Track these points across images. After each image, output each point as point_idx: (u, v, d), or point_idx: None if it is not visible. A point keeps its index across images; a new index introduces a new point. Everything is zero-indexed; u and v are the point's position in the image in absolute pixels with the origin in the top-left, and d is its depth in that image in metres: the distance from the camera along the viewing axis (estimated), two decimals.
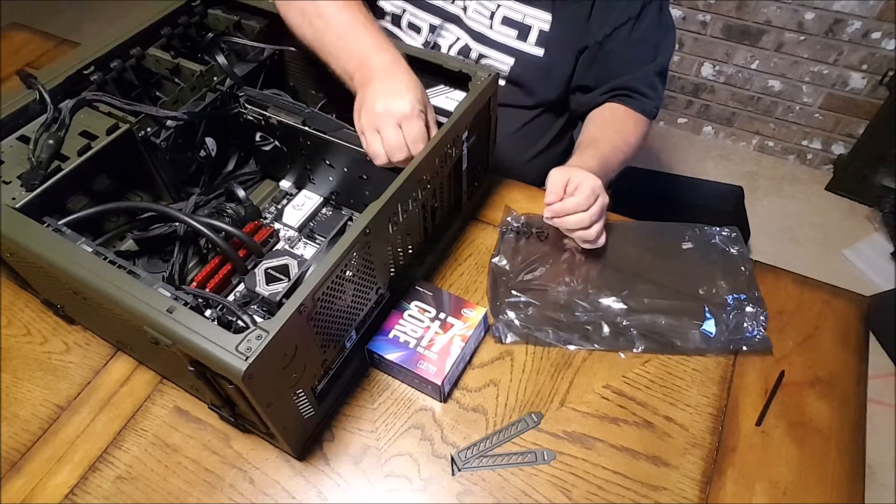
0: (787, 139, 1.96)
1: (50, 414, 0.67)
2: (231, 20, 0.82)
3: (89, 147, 0.66)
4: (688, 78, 1.96)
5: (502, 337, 0.71)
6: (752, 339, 0.70)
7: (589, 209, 0.70)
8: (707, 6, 1.76)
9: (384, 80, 0.66)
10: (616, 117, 0.86)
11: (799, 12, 1.65)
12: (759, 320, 0.71)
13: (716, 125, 2.05)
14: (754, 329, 0.70)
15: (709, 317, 0.71)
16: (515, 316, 0.72)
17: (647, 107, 0.86)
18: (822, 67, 1.74)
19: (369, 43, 0.69)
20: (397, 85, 0.65)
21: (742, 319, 0.71)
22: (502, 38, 0.86)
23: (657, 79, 0.87)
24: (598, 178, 0.71)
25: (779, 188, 1.94)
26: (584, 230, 0.72)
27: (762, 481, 0.62)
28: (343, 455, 0.64)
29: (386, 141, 0.63)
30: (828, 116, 1.84)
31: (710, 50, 1.85)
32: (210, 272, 0.66)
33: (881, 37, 1.61)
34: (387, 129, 0.63)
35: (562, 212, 0.71)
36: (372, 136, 0.64)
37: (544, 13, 0.83)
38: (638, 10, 0.82)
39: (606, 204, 0.73)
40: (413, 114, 0.64)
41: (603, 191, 0.71)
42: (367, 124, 0.65)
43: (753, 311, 0.71)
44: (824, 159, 1.95)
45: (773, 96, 1.88)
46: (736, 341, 0.70)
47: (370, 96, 0.65)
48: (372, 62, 0.67)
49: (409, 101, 0.64)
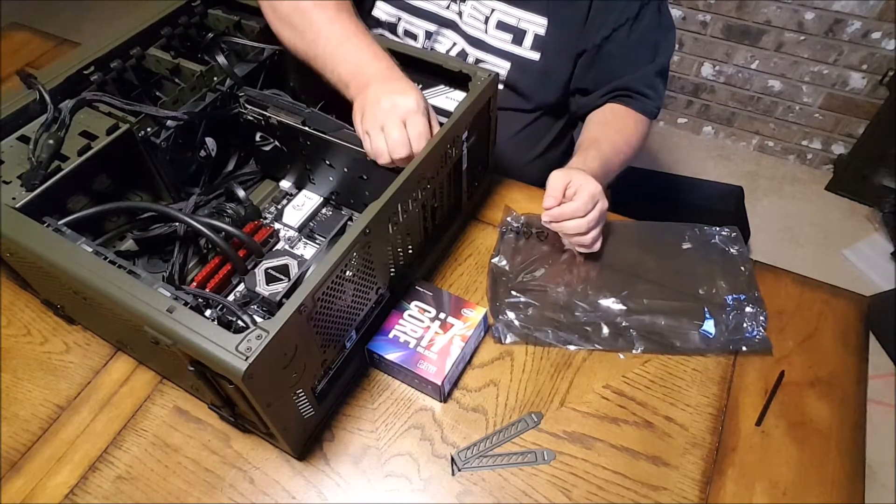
0: (787, 139, 1.96)
1: (50, 414, 0.67)
2: (231, 20, 0.82)
3: (89, 147, 0.66)
4: (688, 78, 1.96)
5: (502, 337, 0.71)
6: (752, 340, 0.70)
7: (587, 215, 0.70)
8: (707, 6, 1.75)
9: (384, 82, 0.66)
10: (617, 117, 0.86)
11: (799, 12, 1.65)
12: (759, 321, 0.71)
13: (716, 125, 2.05)
14: (754, 329, 0.70)
15: (708, 317, 0.71)
16: (515, 316, 0.72)
17: (647, 107, 0.86)
18: (822, 67, 1.74)
19: (364, 52, 0.69)
20: (398, 85, 0.66)
21: (742, 320, 0.71)
22: (498, 43, 0.85)
23: (657, 79, 0.86)
24: (598, 184, 0.70)
25: (779, 188, 1.94)
26: (581, 235, 0.72)
27: (762, 481, 0.62)
28: (343, 455, 0.64)
29: (390, 137, 0.63)
30: (828, 116, 1.84)
31: (710, 50, 1.85)
32: (210, 272, 0.66)
33: (881, 37, 1.61)
34: (391, 125, 0.63)
35: (559, 217, 0.71)
36: (376, 134, 0.64)
37: (539, 17, 0.83)
38: (636, 10, 0.81)
39: (605, 209, 0.72)
40: (418, 110, 0.64)
41: (602, 196, 0.71)
42: (371, 122, 0.65)
43: (753, 311, 0.71)
44: (824, 159, 1.95)
45: (773, 96, 1.88)
46: (735, 342, 0.70)
47: (372, 96, 0.65)
48: (368, 69, 0.67)
49: (413, 98, 0.64)
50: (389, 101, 0.64)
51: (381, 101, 0.64)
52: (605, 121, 0.86)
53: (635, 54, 0.85)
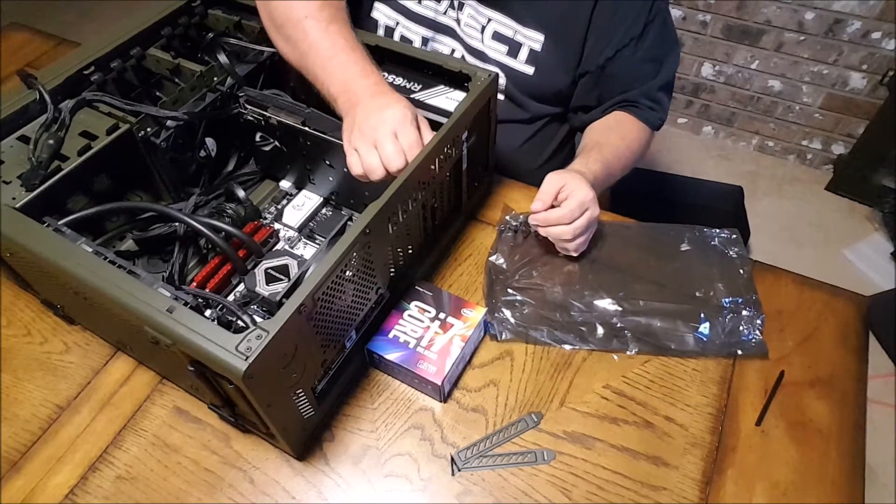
0: (787, 139, 1.96)
1: (50, 414, 0.67)
2: (231, 20, 0.82)
3: (89, 147, 0.66)
4: (688, 78, 1.95)
5: (497, 335, 0.71)
6: (748, 343, 0.70)
7: (572, 223, 0.69)
8: (707, 6, 1.75)
9: (371, 98, 0.66)
10: (620, 123, 0.85)
11: (799, 12, 1.65)
12: (756, 324, 0.71)
13: (716, 125, 2.05)
14: (750, 333, 0.70)
15: (704, 320, 0.71)
16: (511, 314, 0.72)
17: (650, 117, 0.85)
18: (822, 67, 1.74)
19: (353, 68, 0.68)
20: (386, 99, 0.65)
21: (738, 323, 0.71)
22: (493, 54, 0.85)
23: (661, 93, 0.85)
24: (590, 191, 0.70)
25: (779, 188, 1.94)
26: (565, 242, 0.72)
27: (762, 481, 0.62)
28: (343, 455, 0.64)
29: (384, 151, 0.63)
30: (828, 116, 1.84)
31: (710, 50, 1.85)
32: (210, 272, 0.66)
33: (881, 37, 1.61)
34: (383, 138, 0.63)
35: (545, 222, 0.70)
36: (367, 150, 0.63)
37: (536, 33, 0.82)
38: (640, 30, 0.80)
39: (595, 217, 0.72)
40: (407, 120, 0.64)
41: (594, 204, 0.70)
42: (360, 139, 0.64)
43: (750, 314, 0.71)
44: (824, 159, 1.95)
45: (773, 96, 1.88)
46: (731, 345, 0.70)
47: (361, 114, 0.65)
48: (356, 86, 0.67)
49: (400, 109, 0.64)
50: (378, 116, 0.64)
51: (370, 118, 0.64)
52: (608, 126, 0.86)
53: (640, 72, 0.83)
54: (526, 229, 0.80)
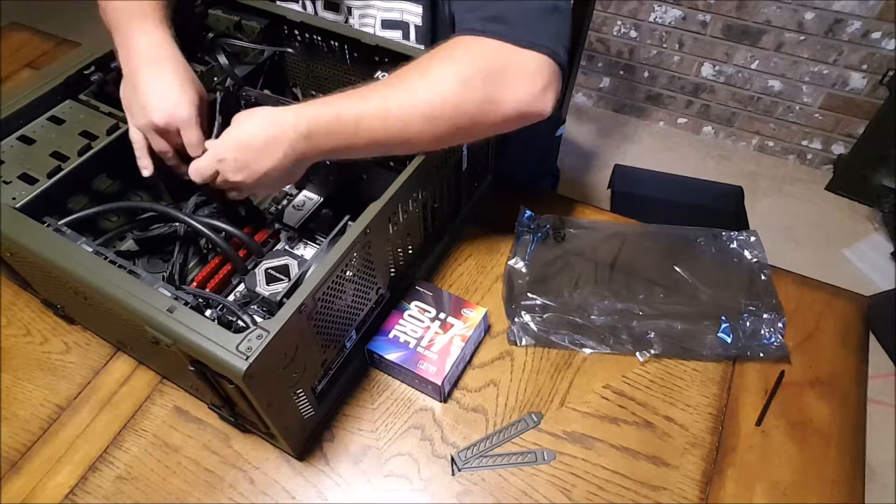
0: (787, 139, 1.96)
1: (50, 414, 0.67)
2: (231, 20, 0.82)
3: (89, 147, 0.66)
4: (688, 78, 1.95)
5: (517, 340, 0.71)
6: (770, 346, 0.69)
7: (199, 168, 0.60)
8: (707, 6, 1.75)
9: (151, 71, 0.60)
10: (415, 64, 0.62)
11: (799, 12, 1.65)
12: (777, 327, 0.70)
13: (716, 125, 2.05)
14: (771, 336, 0.70)
15: (725, 322, 0.71)
16: (531, 319, 0.72)
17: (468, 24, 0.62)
18: (822, 67, 1.74)
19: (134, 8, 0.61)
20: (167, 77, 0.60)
21: (759, 326, 0.70)
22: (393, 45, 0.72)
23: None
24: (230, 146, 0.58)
25: (779, 188, 1.94)
26: None
27: (762, 481, 0.62)
28: (343, 455, 0.64)
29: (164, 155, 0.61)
30: (828, 116, 1.84)
31: (710, 50, 1.85)
32: (210, 272, 0.66)
33: (881, 37, 1.61)
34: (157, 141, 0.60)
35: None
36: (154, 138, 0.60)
37: (414, 5, 0.74)
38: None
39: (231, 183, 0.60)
40: (192, 121, 0.61)
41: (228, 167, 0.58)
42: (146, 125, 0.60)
43: (770, 317, 0.71)
44: (824, 159, 1.95)
45: (773, 96, 1.88)
46: (753, 348, 0.69)
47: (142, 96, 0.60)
48: (135, 42, 0.61)
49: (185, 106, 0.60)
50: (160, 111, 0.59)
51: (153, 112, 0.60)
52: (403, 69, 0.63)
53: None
54: (544, 231, 0.79)
